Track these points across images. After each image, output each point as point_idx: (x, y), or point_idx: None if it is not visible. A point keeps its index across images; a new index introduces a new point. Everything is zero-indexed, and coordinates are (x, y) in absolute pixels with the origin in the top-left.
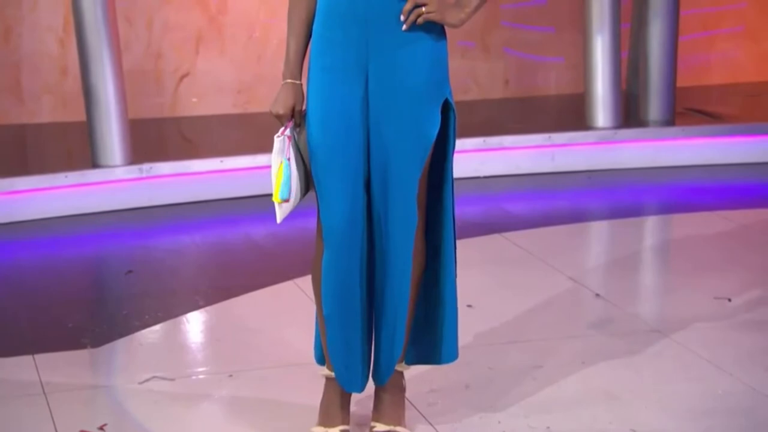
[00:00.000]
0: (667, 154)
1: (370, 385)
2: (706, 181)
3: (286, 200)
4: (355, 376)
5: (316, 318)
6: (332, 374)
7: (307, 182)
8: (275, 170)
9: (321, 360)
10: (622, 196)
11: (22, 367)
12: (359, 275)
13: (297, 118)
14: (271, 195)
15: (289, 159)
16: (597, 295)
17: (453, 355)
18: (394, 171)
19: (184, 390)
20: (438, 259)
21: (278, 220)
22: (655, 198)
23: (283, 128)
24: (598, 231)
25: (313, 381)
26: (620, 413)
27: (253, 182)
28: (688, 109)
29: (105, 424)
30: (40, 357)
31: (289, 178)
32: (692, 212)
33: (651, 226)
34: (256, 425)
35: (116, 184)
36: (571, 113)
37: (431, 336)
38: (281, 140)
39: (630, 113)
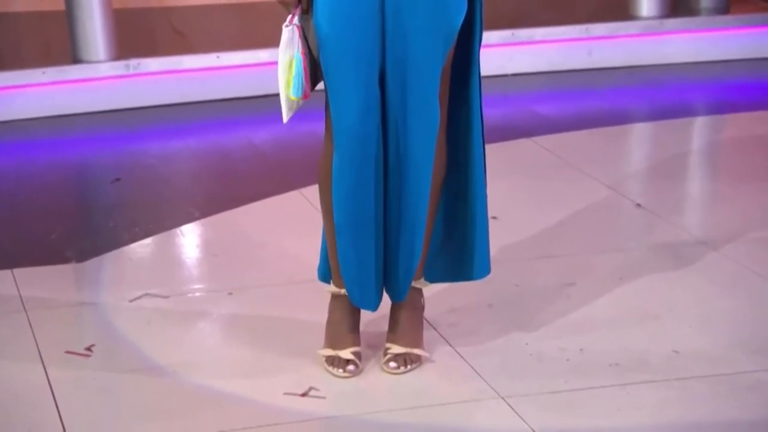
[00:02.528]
0: (719, 46)
1: (384, 306)
2: (761, 76)
3: (300, 98)
4: (369, 293)
5: (323, 230)
6: (340, 291)
7: (316, 76)
8: (284, 64)
9: (326, 276)
10: (666, 95)
11: None
12: (373, 180)
13: (304, 3)
14: (276, 95)
15: (300, 51)
16: (637, 204)
17: (485, 270)
18: (413, 63)
19: (178, 308)
20: (465, 165)
21: (285, 119)
22: (704, 96)
23: (290, 16)
24: (639, 134)
25: (321, 299)
26: (660, 334)
27: (253, 80)
28: None
29: (92, 345)
30: (20, 271)
31: (301, 72)
32: (744, 112)
33: (698, 127)
34: (258, 347)
35: (100, 82)
36: (611, 1)
37: (459, 249)
38: (290, 30)
39: (678, 0)
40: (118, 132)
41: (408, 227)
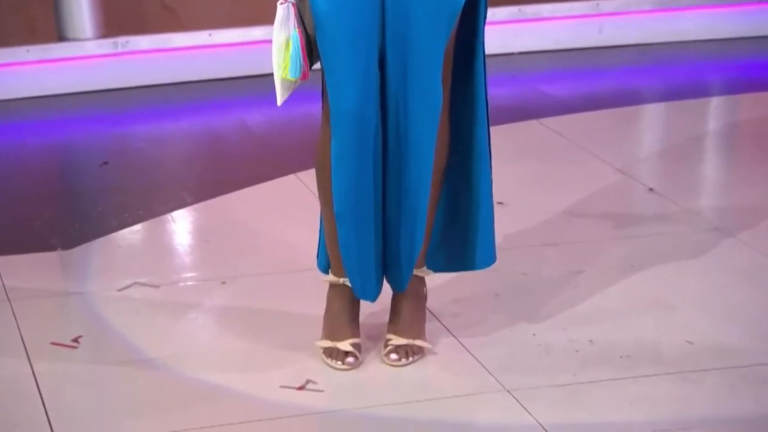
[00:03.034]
0: (735, 22)
1: (385, 296)
2: None
3: (298, 79)
4: (369, 283)
5: (321, 217)
6: (339, 281)
7: (312, 56)
8: (280, 44)
9: (325, 267)
10: (680, 74)
11: None
12: (373, 165)
13: None
14: (271, 74)
15: (297, 29)
16: (650, 188)
17: (490, 259)
18: (414, 42)
19: (169, 298)
20: (469, 149)
21: (279, 102)
22: (720, 75)
23: None
24: (652, 114)
25: (319, 288)
26: (674, 324)
27: (247, 59)
28: None
29: (79, 337)
30: (3, 259)
31: (299, 51)
32: (762, 91)
33: (714, 107)
34: (252, 338)
35: (87, 61)
36: None
37: (463, 237)
38: (285, 8)
39: None
40: (105, 113)
41: (409, 214)
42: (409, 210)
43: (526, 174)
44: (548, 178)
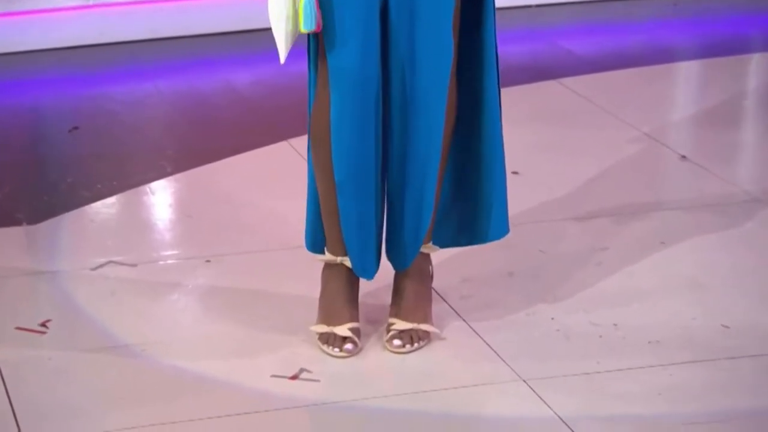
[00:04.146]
0: None
1: (387, 275)
2: None
3: (313, 30)
4: (370, 259)
5: (310, 188)
6: (336, 259)
7: None
8: None
9: (316, 246)
10: (717, 28)
11: None
12: (374, 129)
13: None
14: (262, 29)
15: None
16: (682, 156)
17: (502, 229)
18: None
19: (148, 278)
20: (478, 111)
21: (282, 59)
22: (760, 30)
23: None
24: (685, 74)
25: (314, 268)
26: (707, 305)
27: (234, 13)
28: None
29: (48, 321)
30: None
31: (312, 0)
32: None
33: (754, 65)
34: (240, 323)
35: (55, 14)
36: None
37: (472, 207)
38: None
39: None
40: (76, 72)
41: (416, 182)
42: (417, 179)
43: (544, 140)
44: (569, 145)
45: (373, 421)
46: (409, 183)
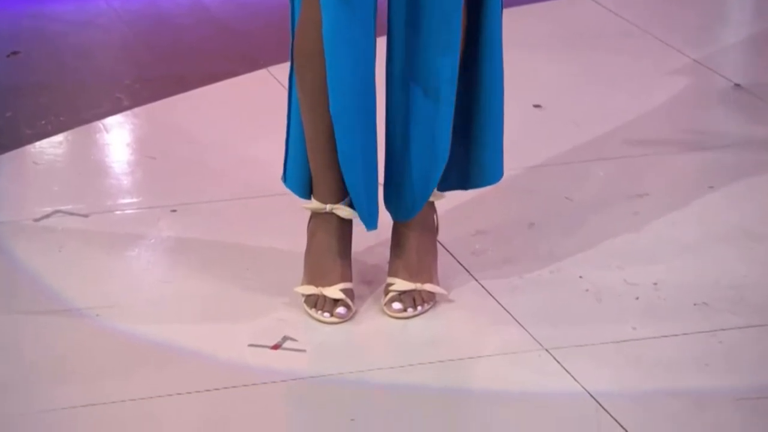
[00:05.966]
0: None
1: (386, 228)
2: None
3: None
4: (374, 205)
5: (293, 122)
6: (325, 207)
7: None
8: None
9: (304, 188)
10: None
11: None
12: (372, 50)
13: None
14: None
15: None
16: (735, 84)
17: (497, 173)
18: None
19: (102, 230)
20: (475, 32)
21: None
22: None
23: None
24: None
25: (299, 217)
26: (762, 261)
27: None
28: None
29: None
30: None
31: None
32: None
33: None
34: (212, 283)
35: None
36: None
37: (464, 146)
38: None
39: None
40: None
41: (428, 112)
42: (428, 106)
43: (573, 68)
44: (601, 73)
45: (367, 398)
46: (418, 114)
